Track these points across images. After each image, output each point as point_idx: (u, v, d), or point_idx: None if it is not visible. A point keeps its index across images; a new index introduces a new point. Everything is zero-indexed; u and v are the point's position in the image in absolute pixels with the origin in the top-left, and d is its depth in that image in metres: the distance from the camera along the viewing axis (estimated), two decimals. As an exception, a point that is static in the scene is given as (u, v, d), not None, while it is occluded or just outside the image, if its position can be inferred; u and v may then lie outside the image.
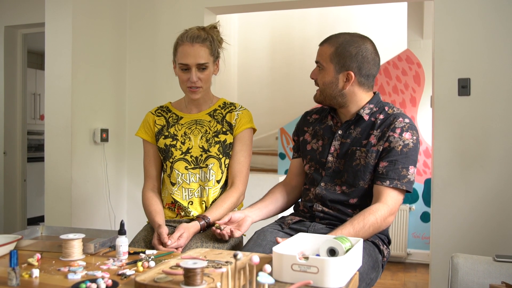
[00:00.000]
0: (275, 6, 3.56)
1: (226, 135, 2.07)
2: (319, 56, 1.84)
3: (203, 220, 1.91)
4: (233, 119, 2.10)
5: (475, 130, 2.96)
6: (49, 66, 3.32)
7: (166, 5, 3.70)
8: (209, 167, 2.04)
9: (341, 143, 1.85)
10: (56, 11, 3.27)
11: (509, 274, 1.84)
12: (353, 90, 1.81)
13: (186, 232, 1.84)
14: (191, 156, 2.05)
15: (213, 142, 2.05)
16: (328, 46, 1.81)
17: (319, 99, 1.89)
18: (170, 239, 1.79)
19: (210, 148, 2.04)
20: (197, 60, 1.98)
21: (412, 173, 1.74)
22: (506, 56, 2.91)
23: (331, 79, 1.80)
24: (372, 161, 1.76)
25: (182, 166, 2.05)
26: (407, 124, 1.76)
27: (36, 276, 1.32)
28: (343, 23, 5.47)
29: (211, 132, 2.07)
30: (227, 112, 2.12)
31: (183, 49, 2.01)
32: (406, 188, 1.73)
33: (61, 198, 3.27)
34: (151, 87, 3.74)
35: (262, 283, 1.03)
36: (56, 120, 3.29)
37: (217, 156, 2.04)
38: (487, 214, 2.91)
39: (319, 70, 1.84)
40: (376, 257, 1.75)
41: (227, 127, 2.09)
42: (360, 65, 1.78)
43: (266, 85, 6.07)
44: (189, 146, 2.06)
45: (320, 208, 1.84)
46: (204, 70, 2.02)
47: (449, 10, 3.02)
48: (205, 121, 2.10)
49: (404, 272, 4.25)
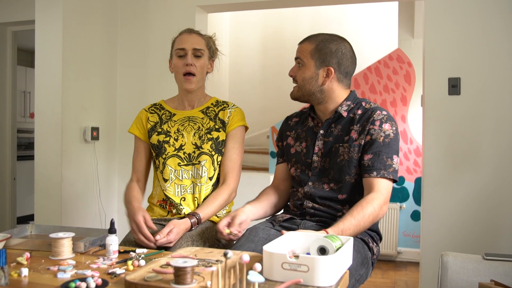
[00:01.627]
0: (267, 4, 3.56)
1: (219, 132, 2.08)
2: (300, 53, 1.88)
3: (194, 218, 1.91)
4: (226, 117, 2.11)
5: (465, 129, 2.98)
6: (39, 63, 3.29)
7: (157, 3, 3.69)
8: (202, 163, 2.04)
9: (324, 142, 1.88)
10: (47, 8, 3.25)
11: (498, 272, 1.86)
12: (332, 86, 1.86)
13: (176, 227, 1.84)
14: (184, 153, 2.06)
15: (205, 139, 2.06)
16: (309, 43, 1.88)
17: (296, 95, 1.92)
18: (159, 234, 1.79)
19: (202, 145, 2.05)
20: (193, 45, 2.06)
21: (396, 162, 1.78)
22: (496, 55, 2.93)
23: (311, 74, 1.84)
24: (355, 155, 1.80)
25: (175, 162, 2.05)
26: (385, 116, 1.81)
27: (25, 275, 1.31)
28: (335, 22, 5.48)
29: (204, 129, 2.08)
30: (220, 109, 2.13)
31: (181, 38, 2.10)
32: (393, 177, 1.77)
33: (51, 196, 3.25)
34: (142, 85, 3.72)
35: (252, 281, 1.03)
36: (46, 118, 3.26)
37: (209, 153, 2.05)
38: (477, 212, 2.93)
39: (298, 67, 1.88)
40: (365, 254, 1.76)
41: (220, 124, 2.10)
42: (340, 61, 1.84)
43: (258, 84, 6.07)
44: (182, 143, 2.07)
45: (310, 205, 1.86)
46: (199, 58, 2.07)
47: (440, 10, 3.03)
48: (198, 118, 2.11)
49: (395, 271, 4.27)
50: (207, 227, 1.98)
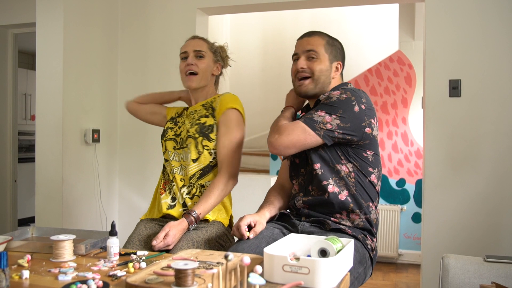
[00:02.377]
0: (267, 7, 3.56)
1: (207, 118, 2.14)
2: (313, 45, 1.91)
3: (190, 216, 1.93)
4: (215, 103, 2.17)
5: (465, 131, 2.98)
6: (40, 66, 3.30)
7: (157, 6, 3.69)
8: (188, 146, 2.11)
9: None
10: (47, 11, 3.26)
11: (499, 274, 1.85)
12: (336, 81, 1.95)
13: (171, 230, 1.85)
14: (181, 138, 2.16)
15: (194, 123, 2.14)
16: (319, 38, 1.93)
17: (308, 88, 1.91)
18: (155, 240, 1.80)
19: (190, 129, 2.13)
20: (194, 47, 2.18)
21: (320, 115, 1.75)
22: (497, 57, 2.93)
23: (327, 67, 1.91)
24: None
25: (171, 145, 2.17)
26: (340, 86, 1.89)
27: (26, 278, 1.31)
28: (335, 24, 5.49)
29: (196, 118, 2.16)
30: (214, 99, 2.21)
31: (185, 43, 2.23)
32: (304, 121, 1.76)
33: (52, 199, 3.26)
34: (142, 87, 3.72)
35: (253, 284, 1.03)
36: (47, 120, 3.27)
37: (193, 135, 2.10)
38: (478, 214, 2.93)
39: (312, 59, 1.90)
40: (363, 253, 1.76)
41: (210, 111, 2.16)
42: (343, 59, 1.97)
43: (258, 86, 6.08)
44: (182, 130, 2.17)
45: (300, 201, 1.89)
46: (201, 59, 2.17)
47: (440, 12, 3.03)
48: (197, 110, 2.20)
49: (396, 273, 4.26)
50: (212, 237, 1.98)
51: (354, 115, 1.76)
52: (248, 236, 1.73)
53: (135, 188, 3.74)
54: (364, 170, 1.83)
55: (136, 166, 3.74)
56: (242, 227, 1.73)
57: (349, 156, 1.81)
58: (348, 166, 1.81)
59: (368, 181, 1.84)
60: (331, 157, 1.81)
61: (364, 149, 1.82)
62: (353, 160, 1.81)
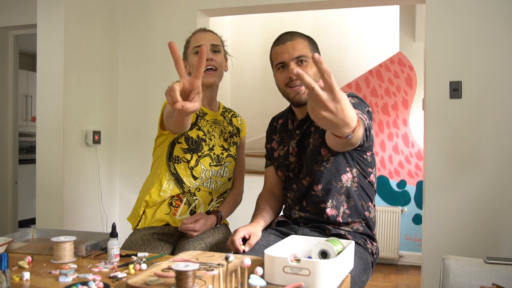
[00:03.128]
0: (268, 8, 3.56)
1: (237, 137, 2.19)
2: (300, 50, 1.79)
3: (218, 214, 2.02)
4: (238, 124, 2.22)
5: (466, 133, 2.98)
6: (41, 67, 3.30)
7: (158, 8, 3.70)
8: (225, 165, 2.10)
9: (297, 140, 1.87)
10: (48, 12, 3.26)
11: (500, 276, 1.85)
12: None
13: (203, 219, 1.91)
14: (214, 153, 2.07)
15: (231, 142, 2.14)
16: (301, 39, 1.82)
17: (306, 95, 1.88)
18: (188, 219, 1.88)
19: (230, 148, 2.12)
20: (211, 41, 2.05)
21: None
22: (498, 59, 2.93)
23: (316, 71, 1.76)
24: (317, 142, 1.77)
25: (207, 162, 2.04)
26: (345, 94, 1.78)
27: (27, 279, 1.31)
28: (336, 26, 5.49)
29: (227, 132, 2.15)
30: (231, 115, 2.23)
31: (197, 35, 2.07)
32: None
33: (52, 200, 3.26)
34: (143, 89, 3.73)
35: (253, 285, 1.03)
36: (48, 122, 3.27)
37: (234, 155, 2.14)
38: (479, 216, 2.93)
39: (302, 64, 1.78)
40: (367, 259, 1.75)
41: (235, 130, 2.19)
42: None
43: (259, 87, 6.07)
44: (214, 144, 2.08)
45: (297, 215, 1.86)
46: (218, 53, 2.06)
47: (441, 13, 3.03)
48: (220, 120, 2.16)
49: (396, 274, 4.26)
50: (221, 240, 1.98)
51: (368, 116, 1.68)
52: (244, 249, 1.66)
53: (135, 190, 3.73)
54: (365, 171, 1.83)
55: (136, 167, 3.73)
56: (236, 242, 1.65)
57: (353, 160, 1.79)
58: (353, 172, 1.79)
59: (367, 181, 1.84)
60: (338, 167, 1.76)
61: (366, 151, 1.81)
62: (356, 164, 1.79)
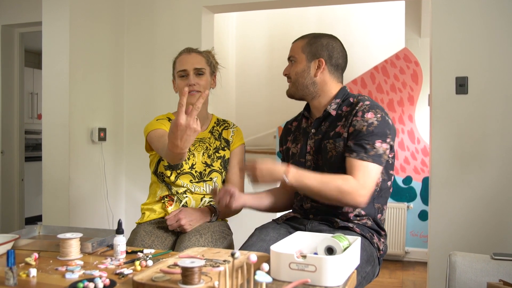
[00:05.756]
0: (273, 4, 3.55)
1: (225, 151, 2.20)
2: (292, 51, 1.95)
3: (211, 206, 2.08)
4: (229, 136, 2.23)
5: (472, 129, 2.96)
6: (46, 65, 3.30)
7: (163, 4, 3.69)
8: (214, 180, 2.14)
9: (315, 140, 1.89)
10: (54, 10, 3.26)
11: (507, 272, 1.84)
12: (324, 78, 1.89)
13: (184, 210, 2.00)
14: (196, 171, 2.13)
15: (215, 157, 2.16)
16: (300, 41, 1.94)
17: (291, 92, 1.96)
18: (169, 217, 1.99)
19: (213, 163, 2.15)
20: (194, 65, 2.11)
21: (380, 147, 1.72)
22: (504, 54, 2.91)
23: (303, 67, 1.89)
24: (341, 149, 1.79)
25: (188, 179, 2.12)
26: (367, 106, 1.78)
27: (34, 276, 1.32)
28: (341, 21, 5.47)
29: (212, 149, 2.18)
30: (222, 129, 2.25)
31: (181, 58, 2.15)
32: (373, 161, 1.71)
33: (58, 197, 3.27)
34: (149, 85, 3.73)
35: (259, 281, 1.03)
36: (54, 119, 3.28)
37: (219, 170, 2.16)
38: (485, 212, 2.92)
39: (291, 65, 1.94)
40: (371, 251, 1.76)
41: (224, 143, 2.21)
42: (330, 53, 1.88)
43: (265, 84, 6.06)
44: (193, 162, 2.13)
45: (309, 205, 1.88)
46: (202, 76, 2.12)
47: (447, 8, 3.01)
48: (206, 138, 2.20)
49: (402, 271, 4.25)
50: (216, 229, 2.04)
51: (393, 130, 1.80)
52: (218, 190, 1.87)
53: (141, 187, 3.75)
54: (387, 174, 1.85)
55: (142, 164, 3.73)
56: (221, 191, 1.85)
57: None
58: None
59: (389, 184, 1.87)
60: None
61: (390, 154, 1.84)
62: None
